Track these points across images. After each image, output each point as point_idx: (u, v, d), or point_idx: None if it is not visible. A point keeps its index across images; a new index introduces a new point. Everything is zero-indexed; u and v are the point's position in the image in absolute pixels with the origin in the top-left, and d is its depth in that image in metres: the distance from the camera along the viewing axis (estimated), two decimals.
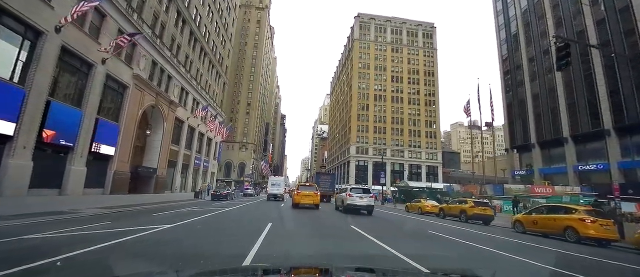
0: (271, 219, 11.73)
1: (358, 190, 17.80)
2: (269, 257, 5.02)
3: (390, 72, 75.75)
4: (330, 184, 32.39)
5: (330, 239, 7.75)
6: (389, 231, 10.27)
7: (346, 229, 9.91)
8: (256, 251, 5.30)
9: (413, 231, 11.57)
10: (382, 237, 7.91)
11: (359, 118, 71.29)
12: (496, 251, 7.41)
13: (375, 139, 70.75)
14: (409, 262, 5.11)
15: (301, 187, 20.68)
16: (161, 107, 26.85)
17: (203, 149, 40.02)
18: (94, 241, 5.44)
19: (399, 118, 73.13)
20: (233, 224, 9.97)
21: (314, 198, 19.05)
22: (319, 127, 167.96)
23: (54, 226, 7.02)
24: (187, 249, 5.51)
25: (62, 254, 4.32)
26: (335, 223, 11.81)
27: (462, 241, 8.81)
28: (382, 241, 7.15)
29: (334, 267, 2.56)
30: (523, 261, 6.32)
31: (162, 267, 3.97)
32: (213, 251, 5.36)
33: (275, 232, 7.81)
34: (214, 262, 4.40)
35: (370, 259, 5.46)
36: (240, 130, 68.56)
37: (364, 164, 68.89)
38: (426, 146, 72.78)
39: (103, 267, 4.01)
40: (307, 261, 5.05)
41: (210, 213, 12.98)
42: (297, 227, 10.00)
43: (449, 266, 5.68)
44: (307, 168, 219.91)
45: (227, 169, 66.21)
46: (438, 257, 6.41)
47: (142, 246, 5.54)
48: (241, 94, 70.43)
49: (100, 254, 4.63)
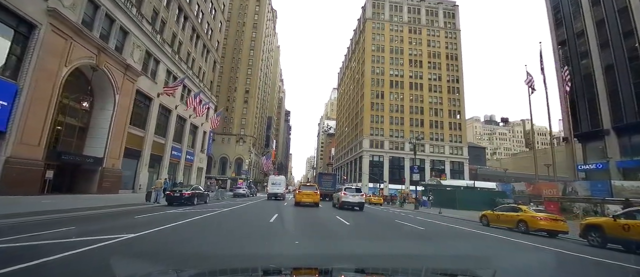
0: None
1: (351, 189, 20.58)
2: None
3: (407, 56, 67.17)
4: (331, 184, 33.32)
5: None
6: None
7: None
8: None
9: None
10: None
11: (373, 107, 62.95)
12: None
13: (392, 131, 62.31)
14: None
15: (302, 187, 22.18)
16: (109, 71, 19.07)
17: (184, 138, 32.30)
18: None
19: (419, 107, 64.54)
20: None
21: (314, 197, 20.59)
22: (325, 123, 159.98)
23: None
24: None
25: None
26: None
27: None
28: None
29: (334, 267, 2.70)
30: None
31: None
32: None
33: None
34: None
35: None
36: (238, 122, 61.01)
37: (379, 159, 60.55)
38: (450, 139, 64.07)
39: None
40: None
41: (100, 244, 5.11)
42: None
43: (448, 266, 5.33)
44: (313, 167, 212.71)
45: (222, 165, 58.83)
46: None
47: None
48: (238, 80, 62.81)
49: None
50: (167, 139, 28.16)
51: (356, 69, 76.26)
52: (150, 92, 24.58)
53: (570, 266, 6.29)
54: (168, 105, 27.81)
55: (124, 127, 21.13)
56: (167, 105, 27.59)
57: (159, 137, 26.98)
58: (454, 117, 65.74)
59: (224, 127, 60.29)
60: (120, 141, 20.79)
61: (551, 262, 6.70)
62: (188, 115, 32.64)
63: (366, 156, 59.74)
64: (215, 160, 58.70)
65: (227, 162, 58.09)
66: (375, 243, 7.74)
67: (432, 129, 63.97)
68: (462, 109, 66.44)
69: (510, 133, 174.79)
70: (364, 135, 61.02)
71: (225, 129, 60.36)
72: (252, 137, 62.44)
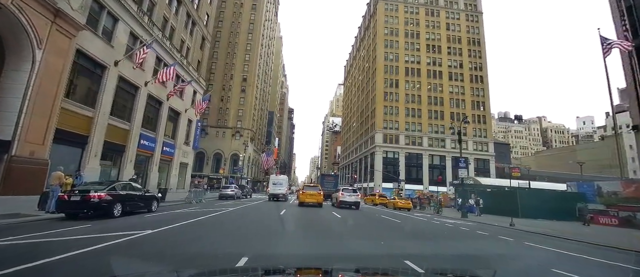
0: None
1: (348, 190, 22.57)
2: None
3: (424, 40, 60.37)
4: (333, 185, 34.51)
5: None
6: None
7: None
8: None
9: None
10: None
11: (387, 97, 56.29)
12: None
13: (408, 125, 55.59)
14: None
15: (306, 188, 22.36)
16: (22, 11, 12.85)
17: (160, 125, 26.08)
18: None
19: (438, 98, 57.71)
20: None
21: (318, 197, 20.56)
22: (331, 120, 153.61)
23: None
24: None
25: None
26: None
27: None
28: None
29: (334, 267, 2.67)
30: None
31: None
32: None
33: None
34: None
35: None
36: (234, 113, 54.72)
37: (394, 156, 53.84)
38: (473, 133, 57.13)
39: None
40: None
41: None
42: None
43: (448, 266, 5.43)
44: (317, 167, 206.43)
45: (216, 162, 52.72)
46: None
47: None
48: (235, 67, 56.52)
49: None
50: (132, 124, 21.91)
51: (366, 57, 69.62)
52: (102, 58, 18.34)
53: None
54: (134, 81, 21.57)
55: (54, 99, 14.87)
56: (132, 80, 21.35)
57: (120, 121, 20.75)
58: (478, 109, 58.79)
59: (219, 119, 54.19)
60: (46, 118, 14.54)
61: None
62: (166, 98, 26.47)
63: (379, 152, 53.11)
64: (208, 156, 52.64)
65: (222, 159, 52.00)
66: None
67: (454, 122, 56.95)
68: (486, 99, 59.48)
69: (526, 131, 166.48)
70: (376, 129, 54.38)
71: (219, 121, 54.22)
72: (250, 131, 56.16)
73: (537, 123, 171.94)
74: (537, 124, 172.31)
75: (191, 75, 31.26)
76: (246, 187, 30.83)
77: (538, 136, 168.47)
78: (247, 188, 31.74)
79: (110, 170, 20.05)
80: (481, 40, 62.46)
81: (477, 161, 55.93)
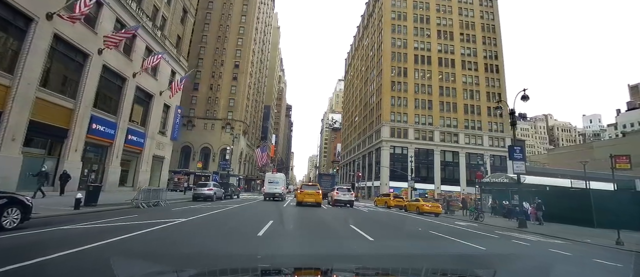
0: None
1: (343, 189, 23.48)
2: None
3: (435, 26, 55.51)
4: (330, 184, 35.47)
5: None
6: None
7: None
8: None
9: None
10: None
11: (394, 87, 51.43)
12: None
13: (418, 117, 50.77)
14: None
15: (304, 187, 21.68)
16: None
17: (122, 107, 21.07)
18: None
19: (450, 88, 52.94)
20: None
21: (316, 197, 19.86)
22: (330, 117, 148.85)
23: None
24: None
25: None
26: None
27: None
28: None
29: (334, 267, 2.69)
30: None
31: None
32: None
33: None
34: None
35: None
36: (224, 103, 49.45)
37: (402, 151, 49.02)
38: (489, 127, 52.44)
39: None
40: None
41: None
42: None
43: (448, 266, 5.47)
44: (316, 166, 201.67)
45: (204, 157, 47.61)
46: None
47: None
48: (226, 53, 51.19)
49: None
50: (78, 101, 16.87)
51: (370, 46, 64.67)
52: (27, 5, 13.30)
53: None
54: (81, 45, 16.53)
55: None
56: (77, 44, 16.31)
57: (58, 96, 15.73)
58: (493, 101, 53.96)
59: (208, 109, 49.01)
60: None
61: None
62: (132, 75, 21.48)
63: (386, 147, 48.26)
64: (195, 151, 47.53)
65: (211, 154, 46.95)
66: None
67: (467, 115, 52.33)
68: (502, 90, 54.74)
69: (533, 129, 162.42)
70: (383, 122, 49.50)
71: (208, 112, 49.04)
72: (243, 123, 51.02)
73: (543, 121, 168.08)
74: (543, 122, 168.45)
75: (168, 50, 26.22)
76: (232, 186, 25.80)
77: (544, 134, 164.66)
78: (233, 186, 26.71)
79: (43, 160, 15.03)
80: (496, 27, 57.73)
81: (493, 158, 51.25)
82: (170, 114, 28.72)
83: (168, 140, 28.63)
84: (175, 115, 29.62)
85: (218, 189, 19.85)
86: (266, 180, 26.14)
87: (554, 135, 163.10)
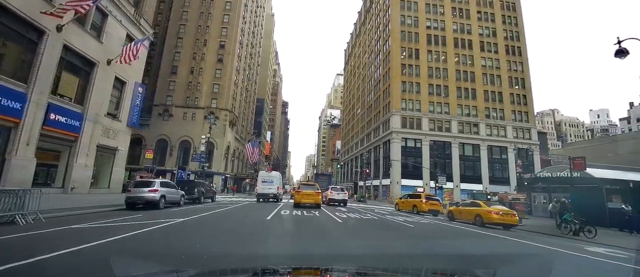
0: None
1: (337, 189, 24.70)
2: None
3: (449, 2, 49.41)
4: (327, 184, 38.84)
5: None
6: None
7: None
8: None
9: None
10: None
11: (405, 71, 45.25)
12: None
13: (433, 106, 44.64)
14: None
15: (302, 186, 20.29)
16: None
17: (36, 72, 14.57)
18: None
19: (468, 72, 46.92)
20: None
21: (315, 197, 18.36)
22: (328, 113, 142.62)
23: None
24: None
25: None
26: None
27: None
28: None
29: (334, 267, 2.60)
30: None
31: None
32: None
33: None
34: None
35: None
36: (208, 90, 42.49)
37: (415, 144, 42.86)
38: (513, 117, 46.53)
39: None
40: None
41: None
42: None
43: (448, 266, 5.20)
44: (313, 165, 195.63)
45: (183, 153, 40.83)
46: None
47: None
48: (210, 31, 44.23)
49: None
50: None
51: (374, 28, 58.46)
52: None
53: None
54: None
55: None
56: None
57: None
58: (516, 87, 48.17)
59: (188, 96, 42.24)
60: None
61: None
62: (56, 28, 15.03)
63: (397, 140, 42.03)
64: (172, 145, 40.86)
65: (191, 148, 40.22)
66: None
67: (488, 103, 46.34)
68: (526, 75, 48.89)
69: (540, 125, 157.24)
70: (392, 110, 43.26)
71: (188, 100, 42.24)
72: (230, 113, 44.27)
73: (550, 116, 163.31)
74: (550, 116, 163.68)
75: (118, 4, 19.70)
76: (204, 185, 19.20)
77: (552, 130, 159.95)
78: (206, 186, 20.11)
79: None
80: (516, 5, 51.83)
81: (518, 151, 45.24)
82: (127, 92, 22.20)
83: (123, 126, 22.09)
84: (135, 95, 23.09)
85: (171, 190, 13.32)
86: (259, 179, 24.03)
87: (561, 130, 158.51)
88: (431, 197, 19.35)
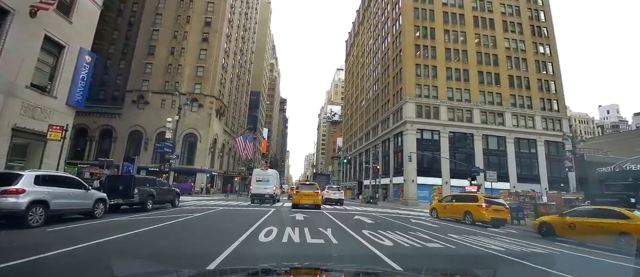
0: None
1: (333, 188, 25.76)
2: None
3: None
4: (326, 183, 36.48)
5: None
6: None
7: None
8: None
9: None
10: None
11: (419, 52, 39.68)
12: None
13: (452, 92, 39.10)
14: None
15: (301, 186, 19.47)
16: None
17: None
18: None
19: (490, 55, 41.42)
20: None
21: (315, 198, 17.65)
22: (329, 109, 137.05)
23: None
24: None
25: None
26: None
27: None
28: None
29: (334, 267, 2.59)
30: None
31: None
32: None
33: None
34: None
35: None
36: (190, 73, 36.62)
37: (433, 136, 37.34)
38: (541, 105, 41.10)
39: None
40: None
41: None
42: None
43: (449, 267, 5.28)
44: (313, 164, 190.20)
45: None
46: None
47: None
48: (193, 7, 38.32)
49: None
50: None
51: (381, 10, 52.87)
52: None
53: None
54: None
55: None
56: None
57: None
58: (543, 72, 42.72)
59: (167, 81, 36.52)
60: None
61: None
62: None
63: (411, 131, 36.45)
64: (148, 137, 35.20)
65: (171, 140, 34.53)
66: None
67: (514, 90, 40.86)
68: (554, 59, 43.43)
69: None
70: (405, 97, 37.66)
71: (168, 85, 36.45)
72: (217, 101, 38.53)
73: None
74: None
75: None
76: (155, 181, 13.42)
77: None
78: (160, 184, 14.39)
79: None
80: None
81: (548, 144, 39.83)
82: (67, 60, 16.52)
83: (60, 105, 16.42)
84: (80, 66, 17.42)
85: (68, 192, 7.44)
86: (254, 178, 21.82)
87: (571, 127, 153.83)
88: (493, 199, 13.20)
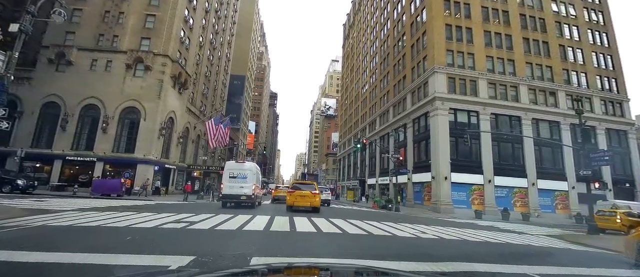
0: None
1: (322, 189, 22.88)
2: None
3: None
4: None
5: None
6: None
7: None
8: None
9: None
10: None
11: (448, 10, 30.49)
12: None
13: (491, 62, 30.12)
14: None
15: (296, 186, 16.26)
16: None
17: None
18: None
19: (536, 19, 32.73)
20: None
21: (312, 199, 14.96)
22: (323, 102, 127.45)
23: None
24: None
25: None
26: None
27: None
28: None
29: (334, 267, 2.63)
30: None
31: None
32: None
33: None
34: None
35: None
36: (135, 24, 25.26)
37: (470, 119, 28.24)
38: (599, 85, 32.73)
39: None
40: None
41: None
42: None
43: (449, 268, 5.17)
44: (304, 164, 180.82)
45: (88, 124, 24.07)
46: None
47: None
48: None
49: None
50: None
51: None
52: None
53: None
54: None
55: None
56: None
57: None
58: (599, 44, 34.39)
59: (101, 34, 25.64)
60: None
61: None
62: None
63: (442, 111, 27.16)
64: (69, 112, 24.48)
65: (101, 116, 23.80)
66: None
67: (566, 63, 32.30)
68: (608, 28, 35.17)
69: None
70: (435, 66, 28.36)
71: (101, 40, 25.45)
72: (173, 63, 27.72)
73: None
74: None
75: None
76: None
77: None
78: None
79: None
80: None
81: (609, 133, 31.42)
82: None
83: None
84: None
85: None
86: (225, 173, 15.85)
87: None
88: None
